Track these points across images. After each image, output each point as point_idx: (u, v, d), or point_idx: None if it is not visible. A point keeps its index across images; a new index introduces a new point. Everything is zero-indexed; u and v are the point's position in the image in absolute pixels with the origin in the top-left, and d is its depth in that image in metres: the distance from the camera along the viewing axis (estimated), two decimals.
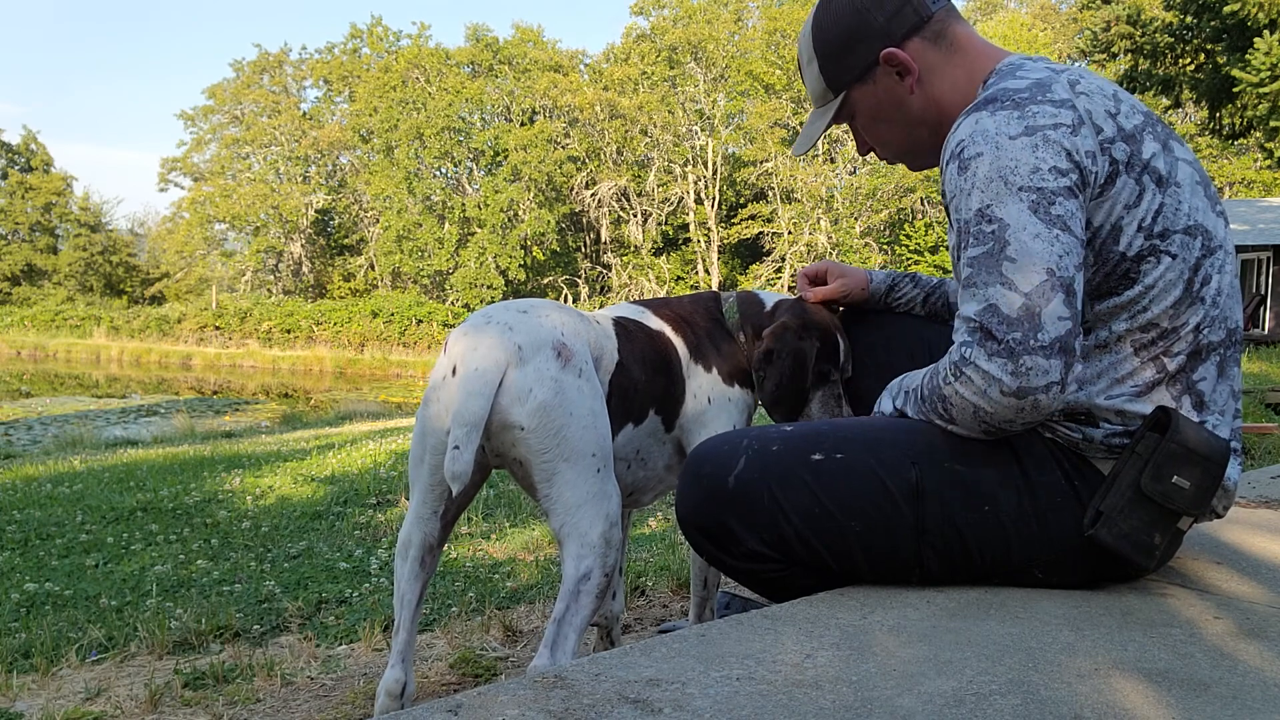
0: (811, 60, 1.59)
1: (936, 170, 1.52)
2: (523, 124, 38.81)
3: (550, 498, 1.45)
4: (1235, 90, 12.38)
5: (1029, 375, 1.26)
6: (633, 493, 1.77)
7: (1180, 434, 1.32)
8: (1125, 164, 1.33)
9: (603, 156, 38.06)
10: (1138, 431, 1.36)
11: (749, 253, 38.12)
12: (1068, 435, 1.40)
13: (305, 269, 43.05)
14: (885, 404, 1.55)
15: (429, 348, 30.55)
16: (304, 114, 43.83)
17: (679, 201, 38.04)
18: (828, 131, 1.66)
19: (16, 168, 46.08)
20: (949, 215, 1.40)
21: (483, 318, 1.49)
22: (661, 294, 34.87)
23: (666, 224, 38.67)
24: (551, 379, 1.42)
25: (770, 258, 35.44)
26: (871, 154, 1.70)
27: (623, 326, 1.73)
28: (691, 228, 37.92)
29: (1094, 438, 1.39)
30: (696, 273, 38.27)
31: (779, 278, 34.71)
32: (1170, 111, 15.80)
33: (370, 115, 38.88)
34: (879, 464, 1.41)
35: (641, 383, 1.68)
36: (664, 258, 38.28)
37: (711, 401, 1.79)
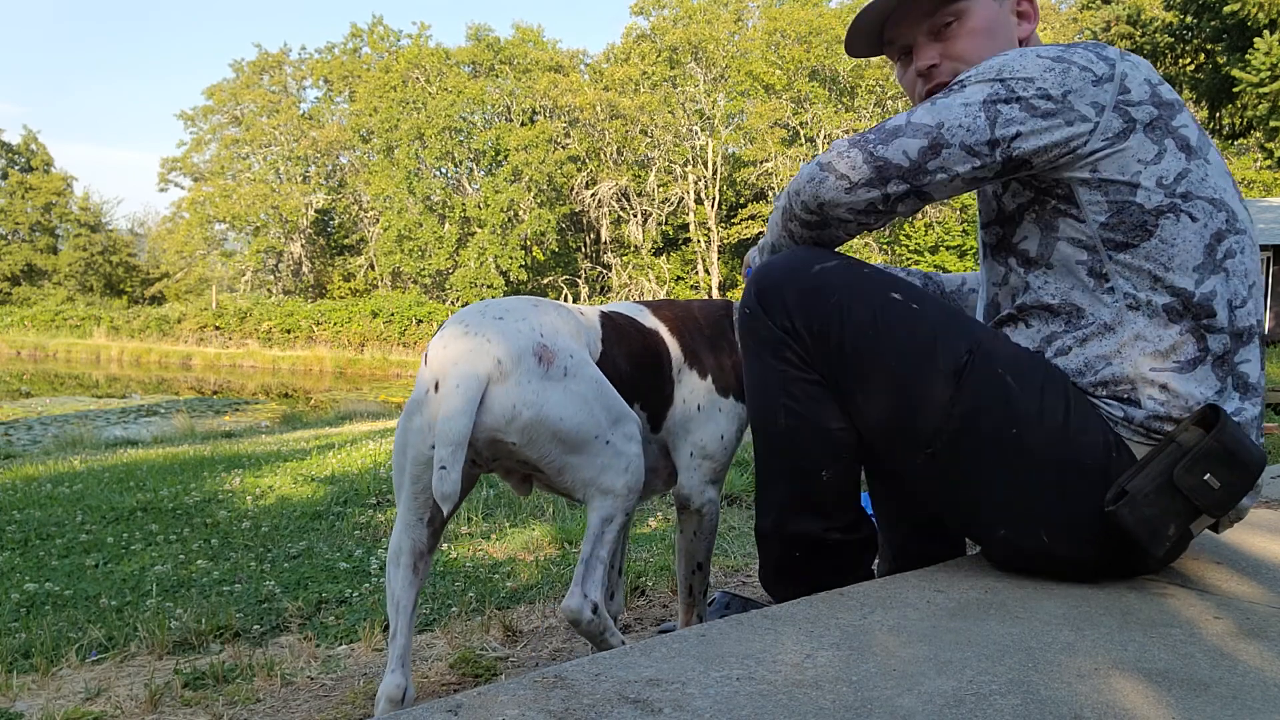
0: None
1: None
2: (523, 124, 38.79)
3: (566, 484, 1.49)
4: (1235, 90, 12.40)
5: (841, 158, 1.40)
6: None
7: (1226, 434, 1.32)
8: (1146, 124, 1.37)
9: (603, 156, 38.05)
10: (1183, 422, 1.35)
11: None
12: (1109, 412, 1.40)
13: (305, 269, 43.03)
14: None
15: (448, 326, 30.57)
16: (304, 114, 43.82)
17: (679, 201, 38.01)
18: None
19: (16, 168, 46.08)
20: None
21: (461, 326, 1.47)
22: (661, 294, 34.95)
23: (666, 224, 38.65)
24: (534, 392, 1.41)
25: None
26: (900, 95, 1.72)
27: (610, 319, 1.72)
28: (691, 228, 37.92)
29: (1134, 418, 1.39)
30: (696, 273, 38.27)
31: None
32: None
33: (370, 115, 38.86)
34: (942, 332, 1.42)
35: (626, 375, 1.67)
36: (664, 258, 38.27)
37: (701, 409, 1.77)
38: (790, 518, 1.52)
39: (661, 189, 37.78)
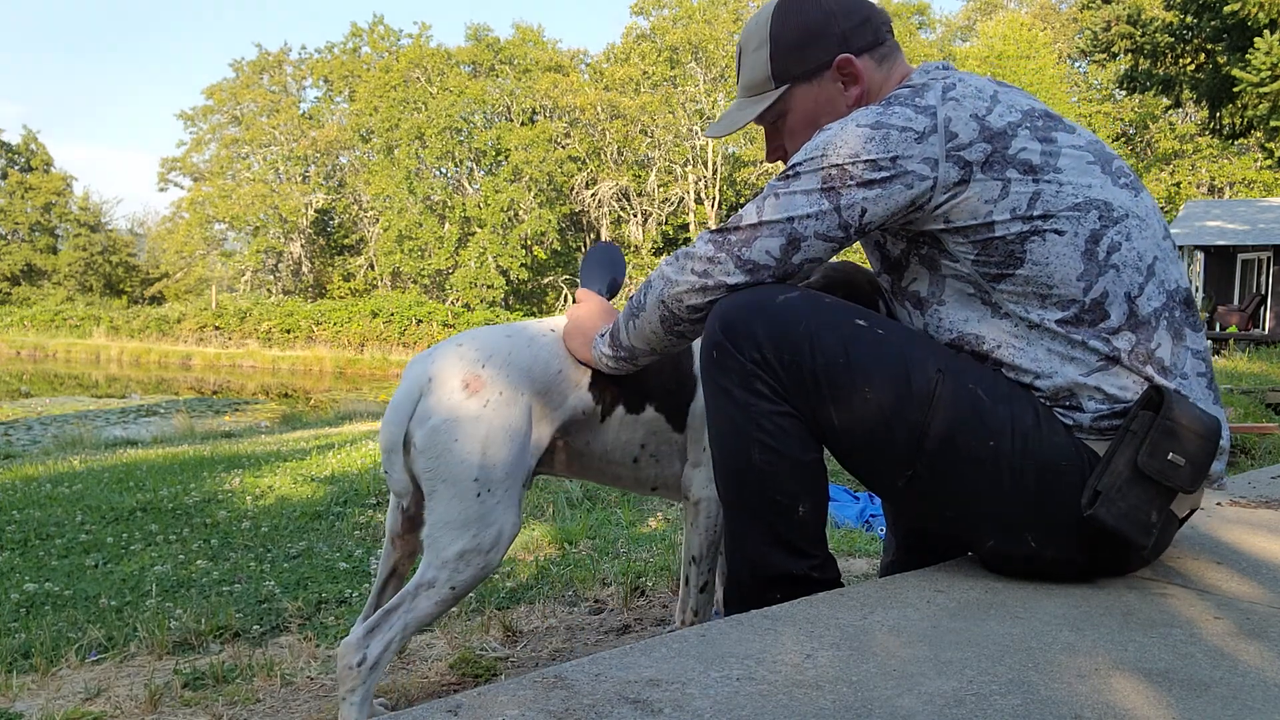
0: (762, 45, 1.59)
1: None
2: (523, 124, 38.80)
3: (428, 509, 1.55)
4: (1235, 90, 12.38)
5: (715, 264, 1.45)
6: (656, 487, 1.83)
7: (1173, 411, 1.34)
8: (982, 164, 1.37)
9: (603, 156, 38.06)
10: (1131, 410, 1.37)
11: None
12: (1061, 421, 1.41)
13: (305, 269, 43.03)
14: (600, 344, 1.62)
15: (428, 348, 30.53)
16: (304, 114, 43.81)
17: (679, 201, 38.04)
18: (746, 126, 1.69)
19: (16, 168, 46.08)
20: None
21: (429, 349, 1.64)
22: None
23: (666, 224, 38.67)
24: (448, 406, 1.53)
25: None
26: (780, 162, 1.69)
27: None
28: (691, 228, 37.92)
29: (1083, 423, 1.40)
30: None
31: None
32: (1170, 111, 15.81)
33: (370, 115, 38.87)
34: (910, 355, 1.41)
35: (633, 376, 1.69)
36: (664, 258, 38.23)
37: None
38: (768, 558, 1.47)
39: (662, 189, 37.79)
